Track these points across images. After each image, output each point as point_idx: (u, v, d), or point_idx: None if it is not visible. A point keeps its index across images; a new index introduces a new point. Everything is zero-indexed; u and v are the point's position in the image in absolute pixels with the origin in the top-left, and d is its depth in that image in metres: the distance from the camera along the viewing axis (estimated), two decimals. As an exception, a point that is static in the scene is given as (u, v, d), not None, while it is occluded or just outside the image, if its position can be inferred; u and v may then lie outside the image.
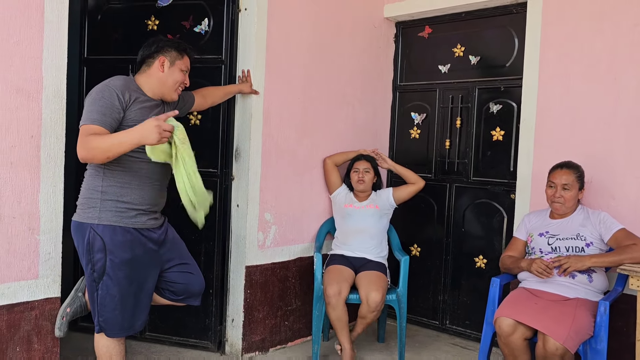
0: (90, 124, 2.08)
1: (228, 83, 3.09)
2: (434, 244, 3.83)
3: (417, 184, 3.47)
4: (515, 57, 3.43)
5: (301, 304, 3.45)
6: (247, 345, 3.16)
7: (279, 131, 3.23)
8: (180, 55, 2.35)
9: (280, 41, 3.18)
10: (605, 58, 2.99)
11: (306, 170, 3.43)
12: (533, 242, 2.83)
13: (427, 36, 3.88)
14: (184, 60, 2.36)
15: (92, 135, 2.03)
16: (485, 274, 3.47)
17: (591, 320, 2.48)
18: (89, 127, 2.07)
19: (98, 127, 2.07)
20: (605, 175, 2.97)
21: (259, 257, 3.18)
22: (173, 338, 3.25)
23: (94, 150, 2.02)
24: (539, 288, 2.68)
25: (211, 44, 3.10)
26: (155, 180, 2.31)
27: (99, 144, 2.01)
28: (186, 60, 2.38)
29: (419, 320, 3.89)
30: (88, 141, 2.02)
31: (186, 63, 2.38)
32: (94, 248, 2.17)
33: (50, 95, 2.32)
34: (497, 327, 2.53)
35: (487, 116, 3.58)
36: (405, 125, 4.01)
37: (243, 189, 3.11)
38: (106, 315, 2.23)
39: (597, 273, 2.66)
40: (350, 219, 3.37)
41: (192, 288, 2.51)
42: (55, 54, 2.33)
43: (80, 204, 2.25)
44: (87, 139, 2.03)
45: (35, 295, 2.31)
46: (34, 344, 2.32)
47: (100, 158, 2.04)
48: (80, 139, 2.05)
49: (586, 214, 2.78)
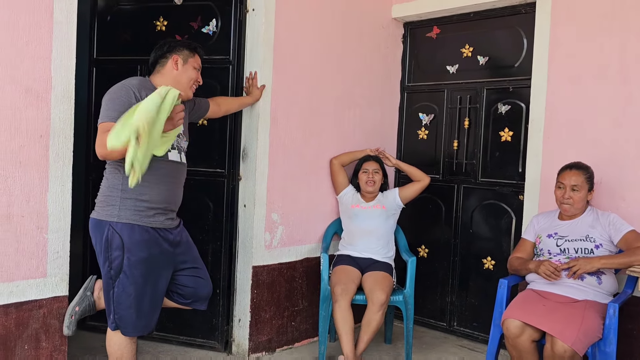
0: (108, 122, 2.10)
1: (236, 84, 3.10)
2: (441, 245, 3.82)
3: (422, 181, 3.46)
4: (524, 57, 3.41)
5: (308, 304, 3.45)
6: (253, 345, 3.16)
7: (286, 132, 3.23)
8: (192, 54, 2.41)
9: (288, 42, 3.18)
10: (615, 58, 2.96)
11: (313, 170, 3.43)
12: (542, 243, 2.81)
13: (435, 36, 3.86)
14: (195, 58, 2.42)
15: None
16: (494, 276, 3.45)
17: (600, 322, 2.46)
18: (107, 124, 2.09)
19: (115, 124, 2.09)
20: (615, 177, 2.94)
21: (266, 257, 3.18)
22: (180, 338, 3.26)
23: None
24: (547, 290, 2.66)
25: (219, 45, 3.11)
26: (174, 178, 2.34)
27: None
28: (197, 58, 2.44)
29: (427, 322, 3.87)
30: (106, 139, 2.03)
31: (198, 61, 2.44)
32: (112, 246, 2.19)
33: (59, 95, 2.34)
34: (505, 328, 2.51)
35: (496, 117, 3.56)
36: (413, 126, 4.00)
37: (250, 189, 3.12)
38: (121, 312, 2.24)
39: (607, 275, 2.63)
40: (357, 220, 3.37)
41: (201, 292, 2.52)
42: (64, 54, 2.35)
43: (99, 202, 2.26)
44: (105, 136, 2.04)
45: (43, 294, 2.33)
46: (42, 342, 2.33)
47: (117, 155, 2.05)
48: (99, 137, 2.08)
49: (595, 215, 2.76)
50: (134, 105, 2.14)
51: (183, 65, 2.36)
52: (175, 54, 2.36)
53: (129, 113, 1.96)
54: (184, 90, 2.36)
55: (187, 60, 2.38)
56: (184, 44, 2.41)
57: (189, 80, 2.39)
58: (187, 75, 2.38)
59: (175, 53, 2.36)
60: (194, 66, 2.40)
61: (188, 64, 2.38)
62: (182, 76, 2.37)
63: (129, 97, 2.16)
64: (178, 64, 2.36)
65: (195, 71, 2.41)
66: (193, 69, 2.40)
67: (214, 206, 3.17)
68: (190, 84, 2.41)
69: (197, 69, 2.43)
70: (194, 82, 2.43)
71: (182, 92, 2.35)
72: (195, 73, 2.41)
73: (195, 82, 2.44)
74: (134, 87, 2.20)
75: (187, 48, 2.39)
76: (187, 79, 2.39)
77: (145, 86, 2.26)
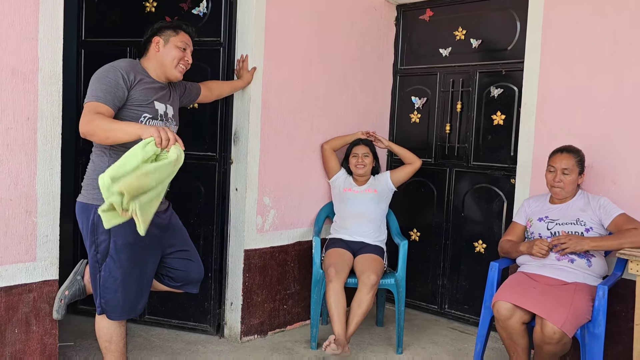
0: (94, 101, 2.08)
1: (227, 66, 3.07)
2: (433, 228, 3.83)
3: (414, 163, 3.46)
4: (517, 40, 3.39)
5: (300, 287, 3.45)
6: (245, 328, 3.17)
7: (278, 115, 3.21)
8: (175, 32, 2.32)
9: (279, 24, 3.15)
10: (608, 41, 2.95)
11: (305, 154, 3.42)
12: (532, 226, 2.82)
13: (429, 19, 3.83)
14: (179, 36, 2.32)
15: (98, 114, 2.03)
16: (485, 259, 3.47)
17: (589, 304, 2.48)
18: (93, 104, 2.07)
19: (101, 104, 2.08)
20: (607, 160, 2.95)
21: (258, 241, 3.18)
22: (172, 321, 3.26)
23: (95, 129, 2.01)
24: (538, 272, 2.67)
25: (209, 27, 3.07)
26: None
27: (102, 124, 2.01)
28: (182, 35, 2.34)
29: (418, 305, 3.89)
30: (92, 119, 2.02)
31: (182, 38, 2.33)
32: (99, 229, 2.17)
33: (47, 77, 2.30)
34: (495, 311, 2.53)
35: (488, 100, 3.55)
36: (405, 110, 3.98)
37: (242, 173, 3.10)
38: (108, 297, 2.23)
39: (596, 257, 2.65)
40: (349, 203, 3.37)
41: (191, 275, 2.51)
42: (51, 35, 2.31)
43: (86, 185, 2.24)
44: (91, 116, 2.03)
45: (33, 278, 2.32)
46: (32, 325, 2.33)
47: (100, 138, 2.04)
48: (84, 115, 2.06)
49: (586, 199, 2.77)
50: (121, 86, 2.13)
51: (164, 45, 2.29)
52: (157, 36, 2.30)
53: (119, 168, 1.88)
54: (169, 71, 2.31)
55: (169, 39, 2.30)
56: (166, 24, 2.34)
57: (172, 59, 2.30)
58: (170, 55, 2.30)
59: (157, 35, 2.31)
60: (177, 45, 2.30)
61: (170, 43, 2.30)
62: (165, 57, 2.30)
63: (116, 78, 2.13)
64: (159, 45, 2.29)
65: (179, 50, 2.31)
66: (175, 47, 2.30)
67: (205, 190, 3.15)
68: (174, 64, 2.31)
69: (182, 48, 2.32)
70: (179, 62, 2.32)
71: (169, 73, 2.32)
72: (179, 52, 2.31)
73: (181, 62, 2.33)
74: (122, 69, 2.17)
75: (169, 28, 2.32)
76: (170, 59, 2.30)
77: (135, 69, 2.23)
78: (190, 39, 2.39)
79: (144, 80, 2.24)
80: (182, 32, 2.34)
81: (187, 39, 2.36)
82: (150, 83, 2.27)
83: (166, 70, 2.31)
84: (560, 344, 2.37)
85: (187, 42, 2.36)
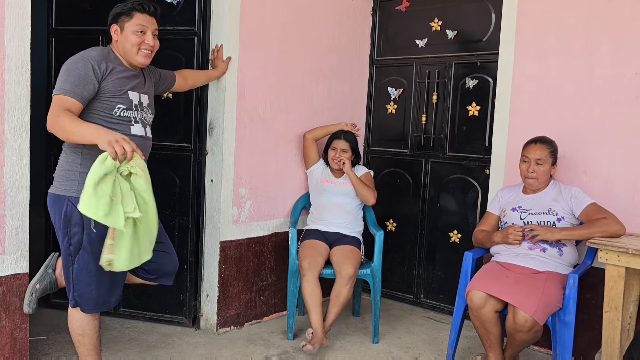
0: (62, 95, 2.04)
1: (201, 56, 3.03)
2: (409, 219, 3.85)
3: (367, 201, 3.32)
4: (492, 32, 3.41)
5: (276, 279, 3.45)
6: (222, 320, 3.16)
7: (254, 105, 3.19)
8: (129, 16, 2.21)
9: (255, 13, 3.11)
10: (580, 33, 2.99)
11: (281, 145, 3.40)
12: (506, 217, 2.86)
13: (405, 10, 3.83)
14: (134, 19, 2.21)
15: (64, 112, 2.00)
16: (460, 249, 3.50)
17: (560, 292, 2.52)
18: (61, 97, 2.04)
19: (69, 98, 2.04)
20: (578, 151, 3.00)
21: (234, 232, 3.16)
22: (147, 314, 3.23)
23: (57, 127, 2.01)
24: (511, 262, 2.71)
25: (183, 16, 3.02)
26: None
27: (64, 124, 1.99)
28: (138, 17, 2.21)
29: (394, 295, 3.93)
30: (57, 115, 2.00)
31: (137, 21, 2.21)
32: (72, 221, 2.13)
33: (14, 65, 2.25)
34: (469, 300, 2.56)
35: (463, 91, 3.57)
36: (382, 100, 3.99)
37: (217, 164, 3.07)
38: (81, 290, 2.20)
39: (568, 247, 2.70)
40: (326, 195, 3.36)
41: (166, 268, 2.48)
42: (18, 22, 2.25)
43: (58, 177, 2.19)
44: (57, 112, 2.00)
45: (2, 271, 2.27)
46: (2, 320, 2.28)
47: (61, 136, 2.04)
48: (51, 110, 2.03)
49: (558, 189, 2.81)
50: (91, 78, 2.09)
51: (121, 32, 2.22)
52: (114, 24, 2.23)
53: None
54: (133, 58, 2.23)
55: (124, 26, 2.21)
56: (121, 8, 2.23)
57: (131, 46, 2.21)
58: (128, 42, 2.21)
59: (114, 22, 2.23)
60: (132, 29, 2.19)
61: (125, 30, 2.21)
62: (125, 44, 2.22)
63: (86, 70, 2.08)
64: (117, 33, 2.23)
65: (136, 35, 2.20)
66: (133, 33, 2.19)
67: (180, 181, 3.12)
68: (135, 50, 2.21)
69: (139, 31, 2.20)
70: (139, 47, 2.22)
71: (133, 60, 2.25)
72: (136, 37, 2.20)
73: (143, 46, 2.22)
74: (93, 59, 2.12)
75: (123, 12, 2.22)
76: (130, 46, 2.21)
77: (107, 58, 2.18)
78: (151, 17, 2.26)
79: (116, 69, 2.19)
80: (136, 14, 2.21)
81: (145, 20, 2.23)
82: (122, 72, 2.22)
83: (129, 58, 2.24)
84: (531, 332, 2.42)
85: (144, 23, 2.22)
